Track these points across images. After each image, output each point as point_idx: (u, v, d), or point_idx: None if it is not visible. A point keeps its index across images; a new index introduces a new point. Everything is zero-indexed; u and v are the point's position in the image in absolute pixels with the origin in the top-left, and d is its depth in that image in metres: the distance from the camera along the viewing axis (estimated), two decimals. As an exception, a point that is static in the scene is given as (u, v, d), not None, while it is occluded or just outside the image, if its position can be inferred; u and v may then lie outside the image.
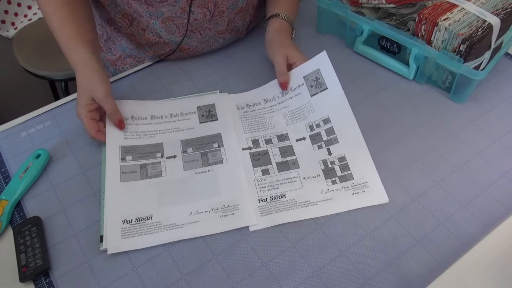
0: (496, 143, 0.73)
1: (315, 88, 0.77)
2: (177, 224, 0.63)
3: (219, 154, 0.71)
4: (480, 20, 0.75)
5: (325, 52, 0.77)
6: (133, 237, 0.62)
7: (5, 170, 0.71)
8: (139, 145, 0.72)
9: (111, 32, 0.89)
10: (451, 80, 0.79)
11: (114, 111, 0.71)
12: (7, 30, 1.64)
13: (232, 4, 0.82)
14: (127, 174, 0.68)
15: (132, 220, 0.63)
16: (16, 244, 0.62)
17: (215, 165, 0.70)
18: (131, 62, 0.92)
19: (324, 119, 0.74)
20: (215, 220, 0.64)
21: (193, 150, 0.72)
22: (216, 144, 0.73)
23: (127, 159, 0.70)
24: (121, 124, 0.72)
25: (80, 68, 0.71)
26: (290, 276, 0.59)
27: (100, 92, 0.69)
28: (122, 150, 0.70)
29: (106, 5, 0.82)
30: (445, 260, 0.59)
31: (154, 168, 0.69)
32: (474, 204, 0.65)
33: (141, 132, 0.74)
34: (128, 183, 0.67)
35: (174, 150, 0.72)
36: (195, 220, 0.64)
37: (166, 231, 0.63)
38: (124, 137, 0.72)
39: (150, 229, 0.63)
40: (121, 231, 0.62)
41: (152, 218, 0.64)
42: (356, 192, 0.66)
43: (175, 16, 0.79)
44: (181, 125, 0.76)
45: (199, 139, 0.74)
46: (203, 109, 0.78)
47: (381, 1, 0.83)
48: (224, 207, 0.65)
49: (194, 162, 0.70)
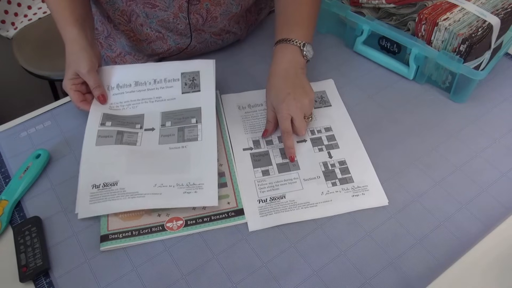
0: (496, 143, 0.73)
1: (319, 103, 0.79)
2: (140, 193, 0.64)
3: (195, 130, 0.72)
4: (480, 20, 0.75)
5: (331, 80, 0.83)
6: (99, 203, 0.64)
7: (5, 170, 0.71)
8: (122, 115, 0.74)
9: (111, 29, 0.89)
10: (451, 80, 0.79)
11: (97, 85, 0.73)
12: (7, 30, 1.64)
13: (225, 10, 0.81)
14: (103, 138, 0.70)
15: (100, 185, 0.65)
16: (16, 244, 0.62)
17: (189, 142, 0.71)
18: (131, 60, 0.92)
19: (326, 127, 0.75)
20: (177, 195, 0.65)
21: (172, 124, 0.74)
22: (195, 120, 0.74)
23: (107, 125, 0.72)
24: (103, 99, 0.74)
25: (68, 45, 0.73)
26: (290, 276, 0.59)
27: (84, 68, 0.71)
28: (104, 116, 0.73)
29: (104, 3, 0.82)
30: (445, 260, 0.59)
31: (130, 137, 0.71)
32: (474, 204, 0.65)
33: (125, 102, 0.76)
34: (103, 147, 0.69)
35: (153, 123, 0.74)
36: (158, 192, 0.65)
37: (128, 198, 0.64)
38: (109, 107, 0.75)
39: (115, 195, 0.64)
40: (89, 195, 0.64)
41: (117, 184, 0.65)
42: (356, 194, 0.66)
43: (169, 20, 0.80)
44: (163, 94, 0.77)
45: (179, 112, 0.75)
46: (187, 77, 0.78)
47: (381, 1, 0.83)
48: (189, 184, 0.66)
49: (170, 136, 0.72)
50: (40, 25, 1.62)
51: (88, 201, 0.64)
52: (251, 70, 0.87)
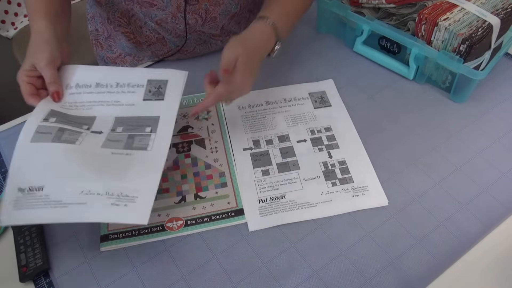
0: (496, 143, 0.73)
1: (319, 103, 0.79)
2: (63, 202, 0.58)
3: (147, 139, 0.66)
4: (480, 20, 0.75)
5: (331, 80, 0.83)
6: (23, 210, 0.57)
7: (5, 170, 0.71)
8: (71, 115, 0.68)
9: (111, 31, 0.89)
10: (451, 80, 0.79)
11: (53, 81, 0.68)
12: (7, 30, 1.64)
13: (224, 10, 0.81)
14: (40, 135, 0.63)
15: (26, 189, 0.58)
16: (16, 244, 0.62)
17: (136, 150, 0.64)
18: (131, 61, 0.92)
19: (326, 128, 0.75)
20: (103, 207, 0.58)
21: (123, 130, 0.67)
22: (149, 129, 0.67)
23: (50, 120, 0.65)
24: (57, 96, 0.68)
25: (32, 36, 0.70)
26: (290, 276, 0.59)
27: (41, 61, 0.66)
28: (50, 112, 0.66)
29: (103, 4, 0.82)
30: (445, 260, 0.59)
31: (71, 135, 0.64)
32: (474, 204, 0.65)
33: (80, 102, 0.69)
34: (37, 144, 0.62)
35: (103, 127, 0.67)
36: (83, 201, 0.58)
37: (50, 208, 0.57)
38: (61, 105, 0.68)
39: (38, 203, 0.57)
40: (14, 200, 0.57)
41: (43, 189, 0.58)
42: (356, 194, 0.66)
43: (167, 20, 0.80)
44: (122, 99, 0.70)
45: (135, 119, 0.69)
46: (153, 84, 0.72)
47: (381, 1, 0.83)
48: (121, 195, 0.59)
49: (117, 142, 0.65)
50: (40, 25, 1.62)
51: (12, 206, 0.57)
52: (251, 70, 0.87)
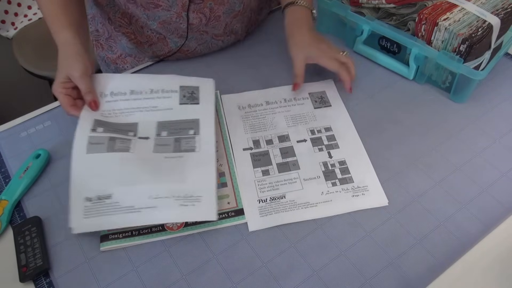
0: (496, 143, 0.73)
1: (319, 103, 0.79)
2: (135, 207, 0.61)
3: (192, 141, 0.69)
4: (480, 20, 0.75)
5: (332, 80, 0.84)
6: (93, 217, 0.60)
7: (5, 170, 0.71)
8: (114, 123, 0.70)
9: (111, 31, 0.89)
10: (451, 80, 0.79)
11: (89, 90, 0.70)
12: (7, 30, 1.64)
13: (229, 8, 0.82)
14: (94, 145, 0.65)
15: (93, 198, 0.62)
16: (16, 244, 0.62)
17: (186, 153, 0.68)
18: (132, 61, 0.92)
19: (326, 128, 0.75)
20: (173, 208, 0.61)
21: (168, 134, 0.70)
22: (193, 131, 0.70)
23: (98, 131, 0.67)
24: (95, 105, 0.70)
25: (61, 48, 0.71)
26: (290, 276, 0.59)
27: (76, 71, 0.68)
28: (95, 122, 0.68)
29: (104, 5, 0.82)
30: (445, 260, 0.59)
31: (123, 143, 0.67)
32: (474, 204, 0.65)
33: (118, 109, 0.72)
34: (94, 155, 0.65)
35: (148, 132, 0.70)
36: (153, 205, 0.61)
37: (123, 214, 0.61)
38: (101, 114, 0.70)
39: (109, 210, 0.61)
40: (83, 209, 0.61)
41: (111, 197, 0.62)
42: (356, 194, 0.66)
43: (171, 20, 0.80)
44: (159, 104, 0.73)
45: (176, 122, 0.71)
46: (186, 90, 0.75)
47: (381, 1, 0.83)
48: (186, 196, 0.62)
49: (166, 146, 0.68)
50: (40, 25, 1.62)
51: (82, 215, 0.60)
52: (251, 70, 0.87)
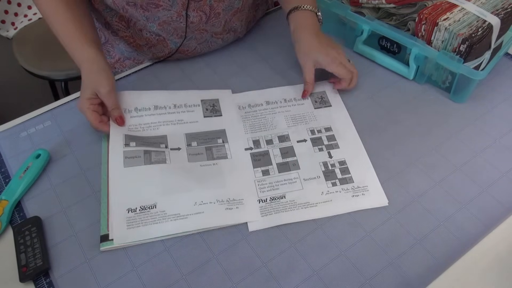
0: (496, 143, 0.73)
1: (319, 103, 0.79)
2: (182, 214, 0.63)
3: (223, 149, 0.71)
4: (480, 20, 0.75)
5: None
6: (138, 227, 0.61)
7: (5, 170, 0.71)
8: (143, 136, 0.72)
9: (108, 36, 0.89)
10: (451, 80, 0.79)
11: (115, 106, 0.72)
12: (7, 30, 1.64)
13: (228, 5, 0.82)
14: (131, 159, 0.67)
15: (137, 208, 0.62)
16: (16, 244, 0.62)
17: (219, 160, 0.70)
18: (130, 64, 0.92)
19: (326, 128, 0.75)
20: (220, 213, 0.63)
21: (198, 144, 0.72)
22: (221, 140, 0.73)
23: (131, 145, 0.69)
24: (121, 120, 0.72)
25: (86, 66, 0.72)
26: (290, 276, 0.59)
27: (104, 88, 0.70)
28: (126, 137, 0.70)
29: (101, 10, 0.82)
30: (445, 260, 0.59)
31: (158, 155, 0.68)
32: (474, 204, 0.65)
33: (145, 124, 0.73)
34: (132, 168, 0.66)
35: (178, 143, 0.71)
36: (200, 211, 0.63)
37: (171, 221, 0.62)
38: (128, 128, 0.72)
39: (155, 219, 0.62)
40: (126, 220, 0.61)
41: (156, 206, 0.63)
42: (356, 194, 0.66)
43: (171, 20, 0.80)
44: (185, 117, 0.75)
45: (204, 133, 0.73)
46: (207, 103, 0.78)
47: (381, 1, 0.83)
48: (230, 200, 0.65)
49: (199, 155, 0.70)
50: (40, 25, 1.62)
51: (125, 226, 0.61)
52: (251, 70, 0.87)
